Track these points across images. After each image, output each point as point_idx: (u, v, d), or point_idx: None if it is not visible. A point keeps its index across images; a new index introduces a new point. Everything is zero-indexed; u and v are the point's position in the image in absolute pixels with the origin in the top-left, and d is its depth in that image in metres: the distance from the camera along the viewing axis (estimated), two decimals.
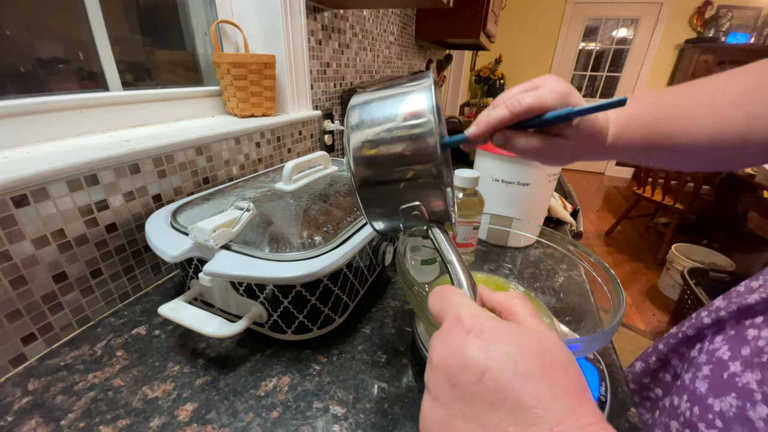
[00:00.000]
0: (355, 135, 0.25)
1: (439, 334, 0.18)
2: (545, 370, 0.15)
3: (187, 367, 0.39)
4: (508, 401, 0.14)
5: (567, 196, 0.91)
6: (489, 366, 0.15)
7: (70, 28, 0.53)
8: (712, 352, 0.34)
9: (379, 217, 0.28)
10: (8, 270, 0.37)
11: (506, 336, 0.16)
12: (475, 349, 0.16)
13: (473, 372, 0.15)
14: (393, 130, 0.25)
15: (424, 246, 0.51)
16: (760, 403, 0.27)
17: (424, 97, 0.25)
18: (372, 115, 0.26)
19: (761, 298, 0.32)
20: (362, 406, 0.36)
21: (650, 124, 0.31)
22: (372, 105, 0.26)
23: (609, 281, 0.36)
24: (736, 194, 2.25)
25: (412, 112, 0.24)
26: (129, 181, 0.48)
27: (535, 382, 0.14)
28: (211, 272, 0.36)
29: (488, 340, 0.16)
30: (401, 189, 0.26)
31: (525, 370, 0.15)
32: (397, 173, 0.25)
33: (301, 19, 0.79)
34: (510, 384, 0.15)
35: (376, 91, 0.27)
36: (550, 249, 0.46)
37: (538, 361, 0.15)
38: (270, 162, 0.77)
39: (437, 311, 0.20)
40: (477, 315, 0.18)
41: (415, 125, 0.24)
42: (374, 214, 0.28)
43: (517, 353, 0.15)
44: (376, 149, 0.25)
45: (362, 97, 0.27)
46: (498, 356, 0.15)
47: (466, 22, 1.62)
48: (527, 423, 0.14)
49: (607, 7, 3.65)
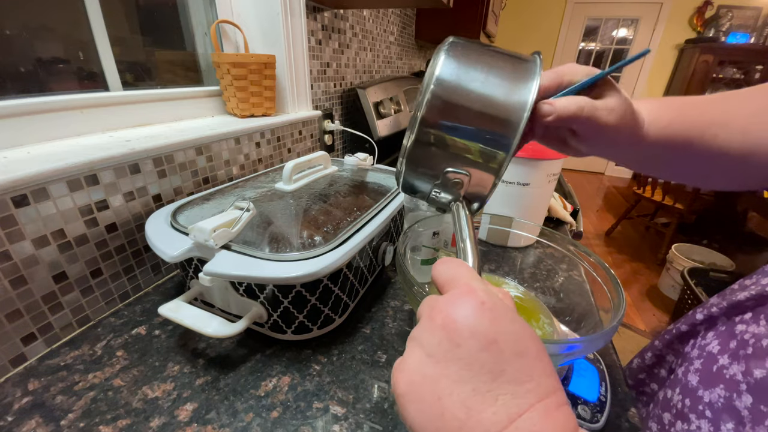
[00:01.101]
0: (450, 74, 0.23)
1: (449, 298, 0.18)
2: (539, 353, 0.17)
3: (187, 367, 0.39)
4: (505, 373, 0.16)
5: (567, 196, 0.91)
6: (497, 338, 0.16)
7: (70, 28, 0.53)
8: (704, 347, 0.35)
9: (416, 173, 0.26)
10: (8, 270, 0.37)
11: (512, 316, 0.18)
12: (487, 320, 0.17)
13: (481, 339, 0.16)
14: (490, 85, 0.23)
15: (424, 246, 0.51)
16: (745, 393, 0.28)
17: (533, 71, 0.24)
18: (476, 65, 0.24)
19: (751, 294, 0.33)
20: (362, 406, 0.36)
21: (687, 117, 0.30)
22: (480, 57, 0.24)
23: (609, 281, 0.36)
24: (736, 194, 2.25)
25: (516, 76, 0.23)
26: (129, 181, 0.48)
27: (531, 361, 0.16)
28: (211, 272, 0.36)
29: (499, 315, 0.17)
30: (461, 151, 0.24)
31: (524, 349, 0.17)
32: (469, 132, 0.23)
33: (301, 19, 0.79)
34: (512, 358, 0.16)
35: (488, 49, 0.25)
36: (550, 249, 0.46)
37: (535, 345, 0.17)
38: (270, 162, 0.77)
39: (445, 278, 0.20)
40: (488, 291, 0.19)
41: (513, 90, 0.23)
42: (415, 166, 0.26)
43: (520, 332, 0.17)
44: (465, 96, 0.23)
45: (471, 46, 0.25)
46: (506, 331, 0.17)
47: (466, 22, 1.62)
48: (517, 394, 0.15)
49: (607, 7, 3.65)
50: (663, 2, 3.45)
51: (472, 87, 0.23)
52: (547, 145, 0.34)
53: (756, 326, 0.30)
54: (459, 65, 0.24)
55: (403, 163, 0.26)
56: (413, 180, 0.27)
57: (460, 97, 0.23)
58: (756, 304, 0.32)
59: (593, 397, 0.36)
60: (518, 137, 0.22)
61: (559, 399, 0.16)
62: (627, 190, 3.76)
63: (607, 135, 0.29)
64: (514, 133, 0.22)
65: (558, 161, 0.62)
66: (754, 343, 0.29)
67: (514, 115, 0.22)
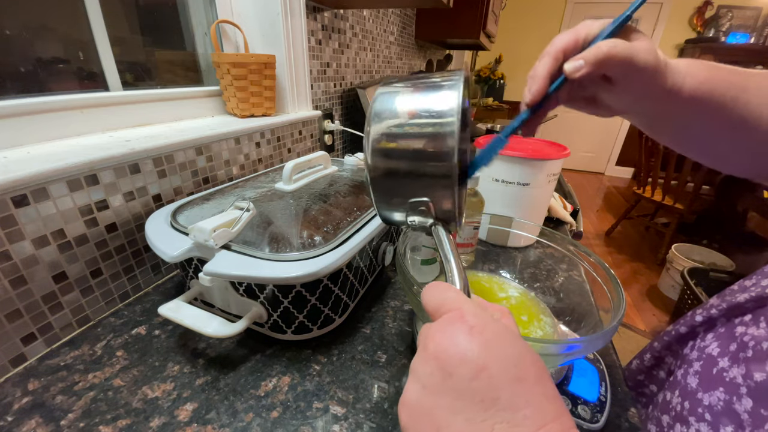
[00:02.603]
0: (377, 124, 0.25)
1: (439, 326, 0.18)
2: (539, 378, 0.16)
3: (187, 367, 0.39)
4: (500, 400, 0.15)
5: (567, 196, 0.91)
6: (488, 364, 0.15)
7: (70, 28, 0.53)
8: (703, 349, 0.35)
9: (386, 206, 0.28)
10: (8, 270, 0.37)
11: (509, 339, 0.17)
12: (477, 346, 0.16)
13: (471, 367, 0.16)
14: (413, 125, 0.24)
15: (424, 246, 0.51)
16: (745, 396, 0.27)
17: (451, 96, 0.24)
18: (396, 106, 0.25)
19: (751, 296, 0.33)
20: (362, 406, 0.36)
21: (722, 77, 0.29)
22: (397, 96, 0.26)
23: (609, 281, 0.36)
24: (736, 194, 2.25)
25: (436, 110, 0.24)
26: (129, 181, 0.48)
27: (529, 386, 0.15)
28: (211, 272, 0.36)
29: (490, 339, 0.16)
30: (413, 184, 0.25)
31: (522, 373, 0.15)
32: (411, 168, 0.25)
33: (301, 19, 0.79)
34: (505, 384, 0.15)
35: (404, 83, 0.27)
36: (550, 249, 0.46)
37: (534, 369, 0.16)
38: (270, 162, 0.77)
39: (434, 305, 0.20)
40: (479, 314, 0.18)
41: (436, 123, 0.24)
42: (383, 202, 0.28)
43: (516, 357, 0.16)
44: (395, 142, 0.25)
45: (389, 87, 0.27)
46: (497, 357, 0.16)
47: (466, 22, 1.62)
48: (514, 422, 0.14)
49: (607, 7, 3.65)
50: (663, 2, 3.45)
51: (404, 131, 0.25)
52: (574, 107, 0.33)
53: (756, 328, 0.30)
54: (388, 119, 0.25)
55: (372, 200, 0.28)
56: (386, 213, 0.29)
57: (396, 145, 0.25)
58: (756, 305, 0.32)
59: (593, 397, 0.36)
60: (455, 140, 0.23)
61: (564, 425, 0.15)
62: (627, 190, 3.76)
63: (642, 80, 0.27)
64: (450, 157, 0.23)
65: (558, 161, 0.62)
66: (754, 345, 0.29)
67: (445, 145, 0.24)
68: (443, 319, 0.18)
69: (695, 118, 0.31)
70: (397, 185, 0.26)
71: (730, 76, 0.29)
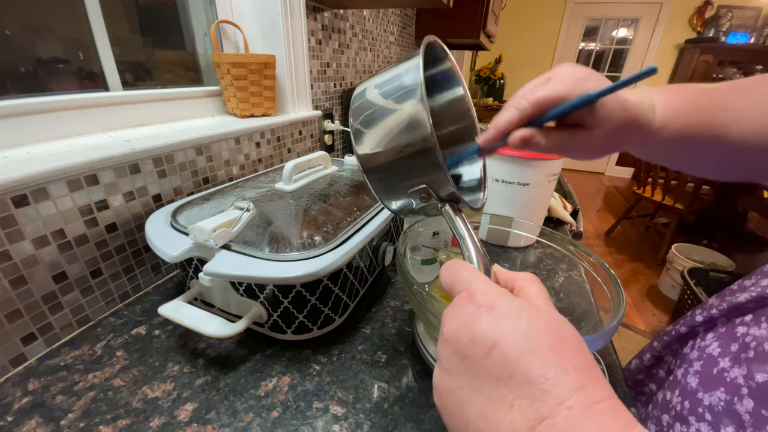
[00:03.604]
0: (354, 120, 0.26)
1: (450, 309, 0.18)
2: (555, 347, 0.15)
3: (187, 367, 0.39)
4: (515, 376, 0.14)
5: (567, 196, 0.91)
6: (498, 341, 0.15)
7: (70, 28, 0.53)
8: (703, 349, 0.35)
9: (389, 198, 0.28)
10: (8, 270, 0.37)
11: (517, 313, 0.16)
12: (485, 324, 0.16)
13: (482, 346, 0.16)
14: (384, 109, 0.25)
15: (424, 246, 0.51)
16: (746, 396, 0.27)
17: (411, 64, 0.24)
18: (366, 97, 0.26)
19: (751, 296, 0.33)
20: (362, 406, 0.36)
21: (705, 109, 0.29)
22: (367, 89, 0.27)
23: (609, 281, 0.36)
24: (736, 194, 2.25)
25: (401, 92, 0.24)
26: (129, 181, 0.48)
27: (543, 358, 0.14)
28: (211, 272, 0.36)
29: (498, 315, 0.16)
30: (403, 172, 0.26)
31: (534, 346, 0.15)
32: (393, 150, 0.25)
33: (301, 19, 0.79)
34: (518, 359, 0.15)
35: (373, 76, 0.27)
36: (550, 249, 0.46)
37: (548, 339, 0.15)
38: (270, 162, 0.77)
39: (449, 285, 0.20)
40: (488, 291, 0.18)
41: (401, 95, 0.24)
42: (384, 197, 0.28)
43: (527, 329, 0.15)
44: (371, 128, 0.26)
45: (361, 85, 0.28)
46: (507, 332, 0.15)
47: (466, 22, 1.62)
48: (533, 397, 0.14)
49: (607, 7, 3.65)
50: (663, 2, 3.45)
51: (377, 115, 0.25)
52: None
53: (757, 329, 0.30)
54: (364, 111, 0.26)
55: (376, 196, 0.29)
56: (392, 205, 0.29)
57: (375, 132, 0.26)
58: (756, 306, 0.32)
59: None
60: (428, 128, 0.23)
61: (590, 397, 0.13)
62: (627, 190, 3.76)
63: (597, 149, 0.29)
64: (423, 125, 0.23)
65: (558, 161, 0.62)
66: (755, 346, 0.29)
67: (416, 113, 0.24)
68: (454, 301, 0.19)
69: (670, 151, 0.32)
70: (390, 177, 0.26)
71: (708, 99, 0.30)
